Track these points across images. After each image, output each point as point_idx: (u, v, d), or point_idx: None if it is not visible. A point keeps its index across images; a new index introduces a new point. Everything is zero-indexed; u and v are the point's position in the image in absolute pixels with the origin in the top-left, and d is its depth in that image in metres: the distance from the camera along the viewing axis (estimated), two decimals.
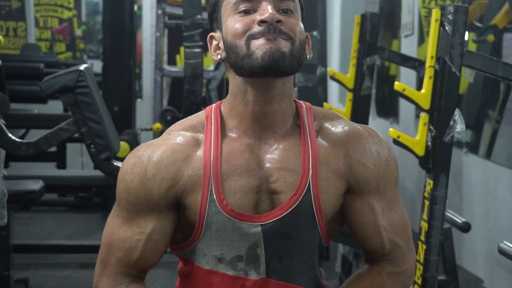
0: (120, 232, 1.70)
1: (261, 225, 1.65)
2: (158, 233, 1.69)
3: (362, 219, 1.73)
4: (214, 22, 1.74)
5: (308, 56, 1.71)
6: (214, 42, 1.74)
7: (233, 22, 1.65)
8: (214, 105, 1.76)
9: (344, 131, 1.73)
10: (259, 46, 1.59)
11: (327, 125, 1.74)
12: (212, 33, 1.75)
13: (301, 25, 1.68)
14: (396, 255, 1.78)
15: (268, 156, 1.68)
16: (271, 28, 1.60)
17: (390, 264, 1.79)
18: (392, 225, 1.75)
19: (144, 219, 1.68)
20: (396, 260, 1.79)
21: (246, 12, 1.64)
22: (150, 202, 1.67)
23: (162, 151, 1.68)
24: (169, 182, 1.66)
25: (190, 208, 1.67)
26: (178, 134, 1.71)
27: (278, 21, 1.61)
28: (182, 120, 1.77)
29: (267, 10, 1.61)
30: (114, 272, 1.72)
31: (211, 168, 1.65)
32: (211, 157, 1.66)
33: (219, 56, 1.72)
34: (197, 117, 1.75)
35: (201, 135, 1.70)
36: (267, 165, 1.67)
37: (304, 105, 1.76)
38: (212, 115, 1.73)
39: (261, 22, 1.61)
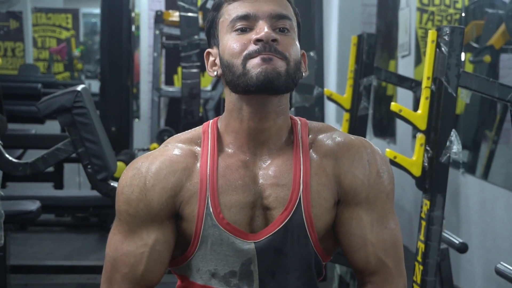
0: (123, 247, 1.70)
1: (254, 242, 1.66)
2: (161, 243, 1.69)
3: (349, 230, 1.71)
4: (211, 38, 1.76)
5: (304, 74, 1.72)
6: (211, 59, 1.75)
7: (230, 41, 1.66)
8: (211, 121, 1.77)
9: (335, 142, 1.73)
10: (254, 65, 1.61)
11: (320, 137, 1.74)
12: (209, 49, 1.76)
13: (297, 43, 1.69)
14: (384, 277, 1.74)
15: (261, 172, 1.69)
16: (266, 47, 1.61)
17: (377, 287, 1.74)
18: (381, 242, 1.72)
19: (146, 230, 1.68)
20: (383, 282, 1.74)
21: (243, 30, 1.66)
22: (151, 213, 1.67)
23: (160, 162, 1.69)
24: (169, 192, 1.67)
25: (187, 220, 1.67)
26: (175, 146, 1.72)
27: (274, 40, 1.63)
28: (178, 133, 1.79)
29: (263, 29, 1.63)
30: None
31: (208, 182, 1.66)
32: (208, 171, 1.67)
33: (215, 73, 1.73)
34: (194, 131, 1.76)
35: (198, 148, 1.71)
36: (261, 181, 1.68)
37: (299, 121, 1.77)
38: (209, 131, 1.74)
39: (257, 41, 1.62)
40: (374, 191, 1.71)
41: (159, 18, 7.59)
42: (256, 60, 1.61)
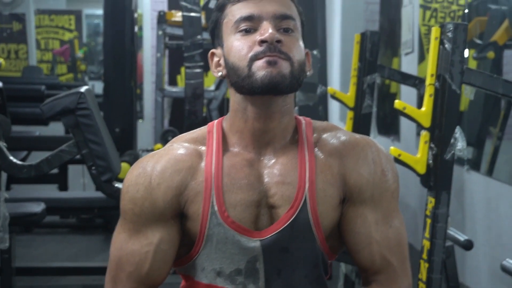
0: (128, 245, 1.71)
1: (260, 240, 1.66)
2: (166, 242, 1.69)
3: (354, 228, 1.71)
4: (215, 38, 1.76)
5: (308, 73, 1.72)
6: (215, 59, 1.76)
7: (234, 42, 1.67)
8: (216, 121, 1.78)
9: (340, 141, 1.73)
10: (259, 67, 1.62)
11: (325, 136, 1.75)
12: (213, 50, 1.77)
13: (301, 44, 1.70)
14: (388, 275, 1.74)
15: (267, 171, 1.70)
16: (271, 48, 1.62)
17: (381, 286, 1.74)
18: (386, 240, 1.72)
19: (151, 229, 1.69)
20: (387, 281, 1.74)
21: (247, 31, 1.66)
22: (156, 212, 1.68)
23: (166, 161, 1.70)
24: (174, 190, 1.67)
25: (192, 219, 1.68)
26: (180, 145, 1.73)
27: (278, 41, 1.63)
28: (184, 133, 1.79)
29: (267, 30, 1.63)
30: None
31: (212, 180, 1.67)
32: (212, 170, 1.68)
33: (220, 73, 1.74)
34: (199, 131, 1.77)
35: (203, 148, 1.72)
36: (266, 179, 1.69)
37: (303, 120, 1.77)
38: (214, 130, 1.74)
39: (262, 42, 1.63)
40: (379, 190, 1.72)
41: (161, 19, 7.57)
42: (260, 63, 1.62)
